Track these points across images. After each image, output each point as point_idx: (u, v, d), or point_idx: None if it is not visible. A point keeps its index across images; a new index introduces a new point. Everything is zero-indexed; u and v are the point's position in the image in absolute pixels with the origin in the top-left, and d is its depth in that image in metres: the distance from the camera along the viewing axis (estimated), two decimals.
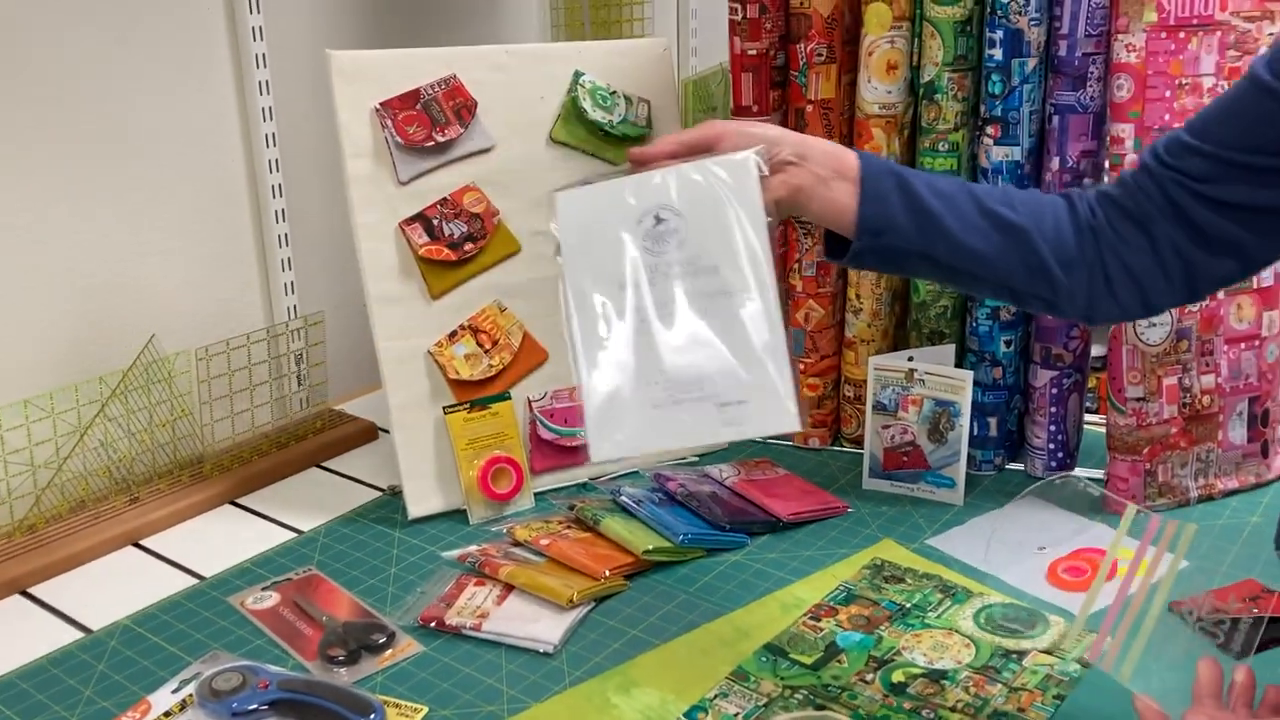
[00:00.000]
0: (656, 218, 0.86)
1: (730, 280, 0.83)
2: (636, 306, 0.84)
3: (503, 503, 1.26)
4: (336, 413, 1.48)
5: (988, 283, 0.96)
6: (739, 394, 0.82)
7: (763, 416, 0.81)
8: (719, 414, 0.82)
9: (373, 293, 1.25)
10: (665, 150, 0.92)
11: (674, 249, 0.85)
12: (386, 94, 1.26)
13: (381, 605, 1.10)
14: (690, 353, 0.83)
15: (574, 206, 0.89)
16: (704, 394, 0.82)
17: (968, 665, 0.99)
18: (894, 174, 0.94)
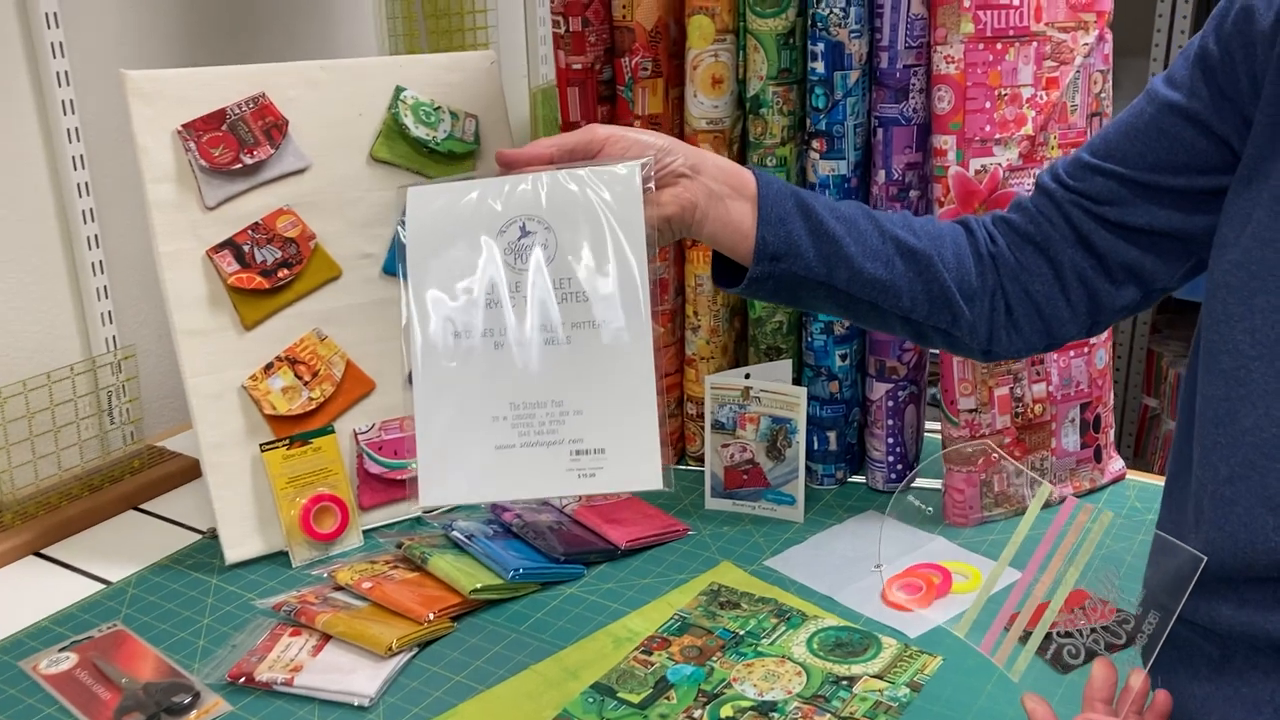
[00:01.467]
0: (522, 228, 0.75)
1: (600, 311, 0.73)
2: (489, 328, 0.74)
3: (327, 543, 1.20)
4: (157, 450, 1.40)
5: (889, 314, 0.90)
6: (598, 442, 0.72)
7: (622, 470, 0.72)
8: (572, 462, 0.72)
9: (179, 325, 1.18)
10: (539, 154, 0.81)
11: (539, 267, 0.74)
12: (189, 115, 1.19)
13: (190, 662, 1.03)
14: (546, 388, 0.73)
15: (427, 205, 0.76)
16: (557, 438, 0.72)
17: (798, 695, 0.97)
18: (794, 195, 0.87)
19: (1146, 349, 2.47)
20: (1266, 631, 0.74)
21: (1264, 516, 0.70)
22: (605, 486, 0.74)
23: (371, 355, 1.26)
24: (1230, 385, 0.73)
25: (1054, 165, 0.91)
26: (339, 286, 1.25)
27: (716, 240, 0.85)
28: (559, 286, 0.74)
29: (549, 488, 0.73)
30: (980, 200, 1.16)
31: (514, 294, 0.74)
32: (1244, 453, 0.71)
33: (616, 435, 0.72)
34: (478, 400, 0.73)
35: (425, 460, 0.74)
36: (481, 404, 0.73)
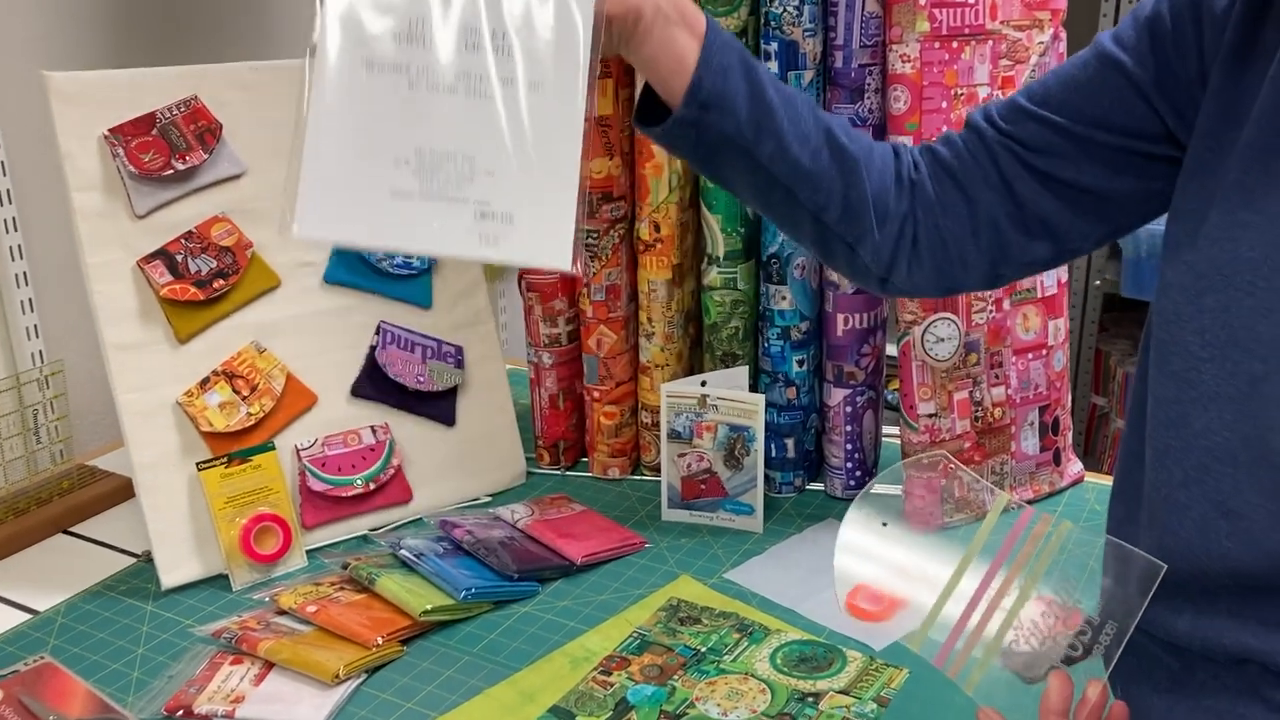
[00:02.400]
0: None
1: (532, 71, 0.67)
2: (408, 64, 0.67)
3: (269, 564, 1.15)
4: (87, 469, 1.34)
5: (802, 207, 0.85)
6: (507, 205, 0.66)
7: (528, 241, 0.66)
8: (476, 225, 0.66)
9: (109, 340, 1.12)
10: None
11: (472, 11, 0.68)
12: (117, 118, 1.13)
13: (123, 695, 0.98)
14: (460, 141, 0.67)
15: None
16: (463, 195, 0.66)
17: (763, 713, 0.94)
18: (740, 52, 0.81)
19: (1095, 348, 2.48)
20: (1223, 646, 0.72)
21: (1217, 521, 0.69)
22: (506, 255, 0.68)
23: (313, 368, 1.22)
24: (1181, 387, 0.71)
25: (987, 106, 0.89)
26: (278, 297, 1.20)
27: (654, 65, 0.78)
28: (493, 35, 0.68)
29: (444, 246, 0.68)
30: None
31: (439, 33, 0.68)
32: (1196, 456, 0.70)
33: (529, 204, 0.67)
34: (381, 139, 0.67)
35: (308, 189, 0.67)
36: (384, 143, 0.67)
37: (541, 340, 1.33)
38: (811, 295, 1.24)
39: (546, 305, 1.31)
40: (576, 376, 1.35)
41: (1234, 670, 0.71)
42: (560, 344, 1.33)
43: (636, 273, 1.28)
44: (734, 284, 1.25)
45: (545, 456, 1.37)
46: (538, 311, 1.32)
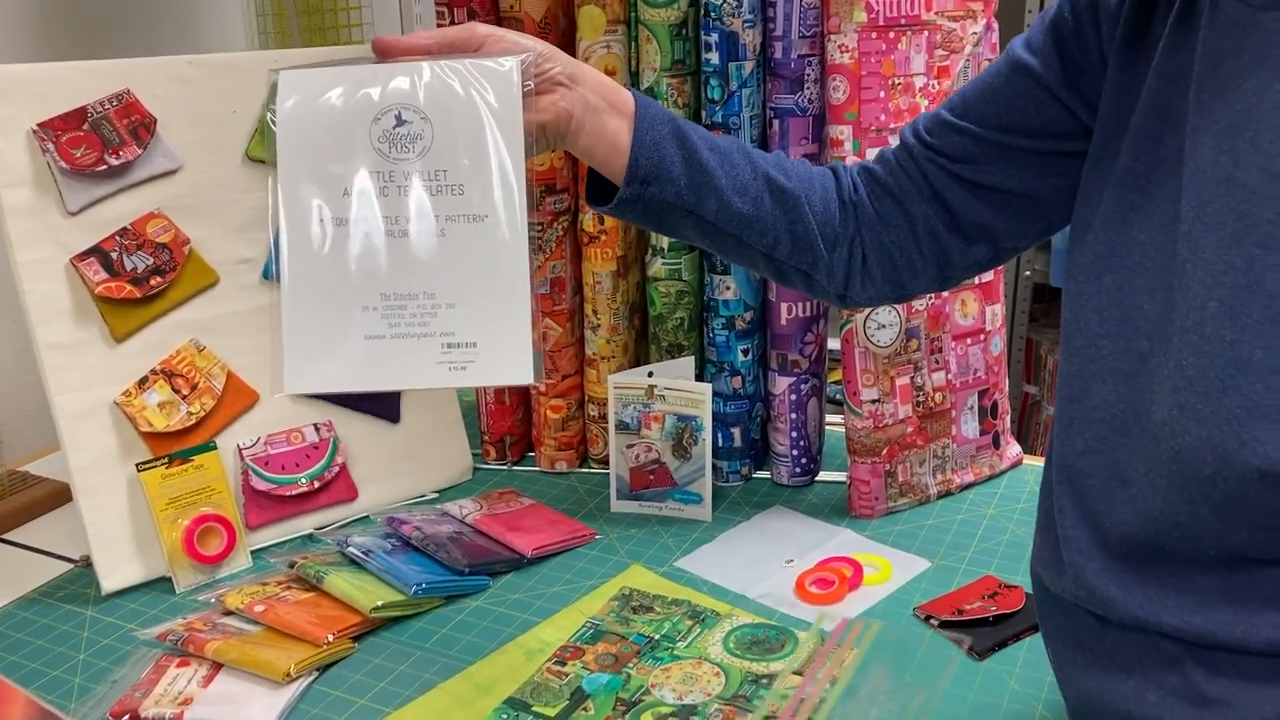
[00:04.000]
0: (398, 117, 0.73)
1: (476, 203, 0.73)
2: (361, 217, 0.73)
3: (214, 565, 1.13)
4: (19, 475, 1.30)
5: (753, 249, 0.90)
6: (469, 335, 0.72)
7: (493, 364, 0.72)
8: (444, 355, 0.72)
9: (42, 340, 1.09)
10: (418, 44, 0.78)
11: (415, 157, 0.73)
12: (46, 113, 1.10)
13: (65, 702, 0.96)
14: (419, 280, 0.72)
15: (300, 89, 0.74)
16: (429, 330, 0.72)
17: (718, 697, 0.94)
18: (670, 121, 0.86)
19: (1026, 337, 2.53)
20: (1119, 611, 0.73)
21: (1114, 488, 0.71)
22: (475, 380, 0.73)
23: (253, 365, 1.20)
24: (1083, 362, 0.74)
25: (916, 120, 0.92)
26: (216, 294, 1.18)
27: (591, 154, 0.84)
28: (434, 178, 0.73)
29: (420, 379, 0.72)
30: None
31: (387, 184, 0.73)
32: (1095, 428, 0.73)
33: (488, 329, 0.72)
34: (347, 290, 0.72)
35: (291, 348, 0.72)
36: (351, 293, 0.72)
37: None
38: (755, 285, 1.25)
39: None
40: None
41: (1134, 635, 0.73)
42: None
43: (581, 265, 1.28)
44: (678, 275, 1.25)
45: (491, 452, 1.36)
46: None
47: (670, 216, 0.88)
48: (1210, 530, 0.65)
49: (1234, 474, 0.62)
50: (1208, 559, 0.66)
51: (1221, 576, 0.66)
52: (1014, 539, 1.18)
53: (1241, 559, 0.65)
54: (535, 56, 0.79)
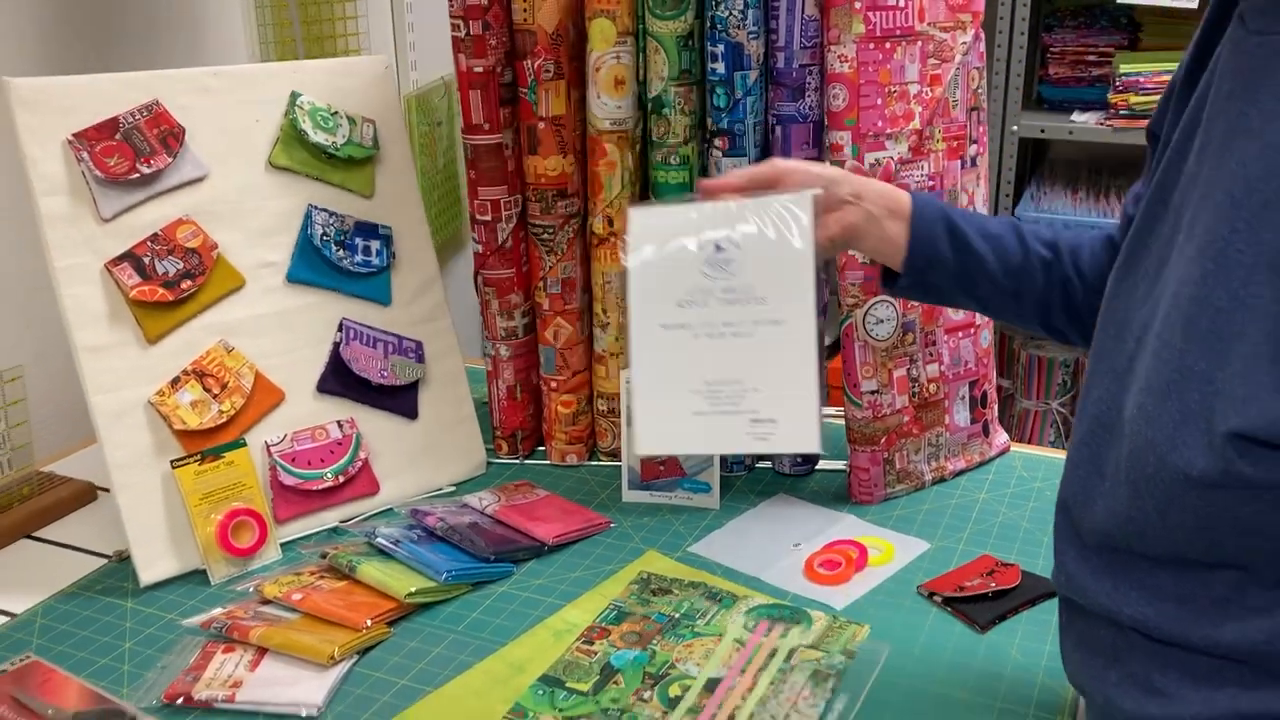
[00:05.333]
0: (718, 245, 0.91)
1: (777, 310, 0.90)
2: (690, 322, 0.91)
3: (246, 558, 1.17)
4: (46, 475, 1.34)
5: (1028, 318, 1.03)
6: (771, 413, 0.88)
7: (789, 436, 0.89)
8: (750, 428, 0.89)
9: (79, 343, 1.13)
10: (732, 184, 0.96)
11: (730, 276, 0.91)
12: (80, 124, 1.15)
13: (118, 686, 1.00)
14: (732, 371, 0.89)
15: (646, 222, 0.94)
16: (739, 409, 0.89)
17: (740, 670, 1.00)
18: (944, 218, 0.99)
19: (1000, 333, 2.62)
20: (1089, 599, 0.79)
21: (1095, 480, 0.77)
22: (774, 447, 0.92)
23: (279, 366, 1.24)
24: (1093, 361, 0.81)
25: None
26: (243, 296, 1.23)
27: (877, 254, 1.02)
28: (744, 292, 0.90)
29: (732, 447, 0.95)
30: None
31: (709, 297, 0.91)
32: (1088, 422, 0.79)
33: (785, 408, 0.88)
34: (678, 376, 0.91)
35: (640, 420, 0.92)
36: (681, 379, 0.91)
37: (499, 333, 1.38)
38: None
39: (503, 299, 1.36)
40: (533, 368, 1.40)
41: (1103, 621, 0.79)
42: (517, 336, 1.38)
43: (590, 266, 1.34)
44: None
45: (504, 446, 1.42)
46: (494, 306, 1.36)
47: (948, 296, 1.04)
48: (1156, 529, 0.71)
49: (1168, 476, 0.67)
50: (1163, 558, 0.72)
51: (1175, 576, 0.72)
52: (1006, 521, 1.25)
53: (1189, 561, 0.71)
54: (827, 184, 0.97)
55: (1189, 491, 0.66)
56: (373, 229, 1.31)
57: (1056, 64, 2.48)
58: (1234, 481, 0.63)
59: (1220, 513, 0.66)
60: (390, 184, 1.34)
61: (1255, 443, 0.62)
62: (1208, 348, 0.65)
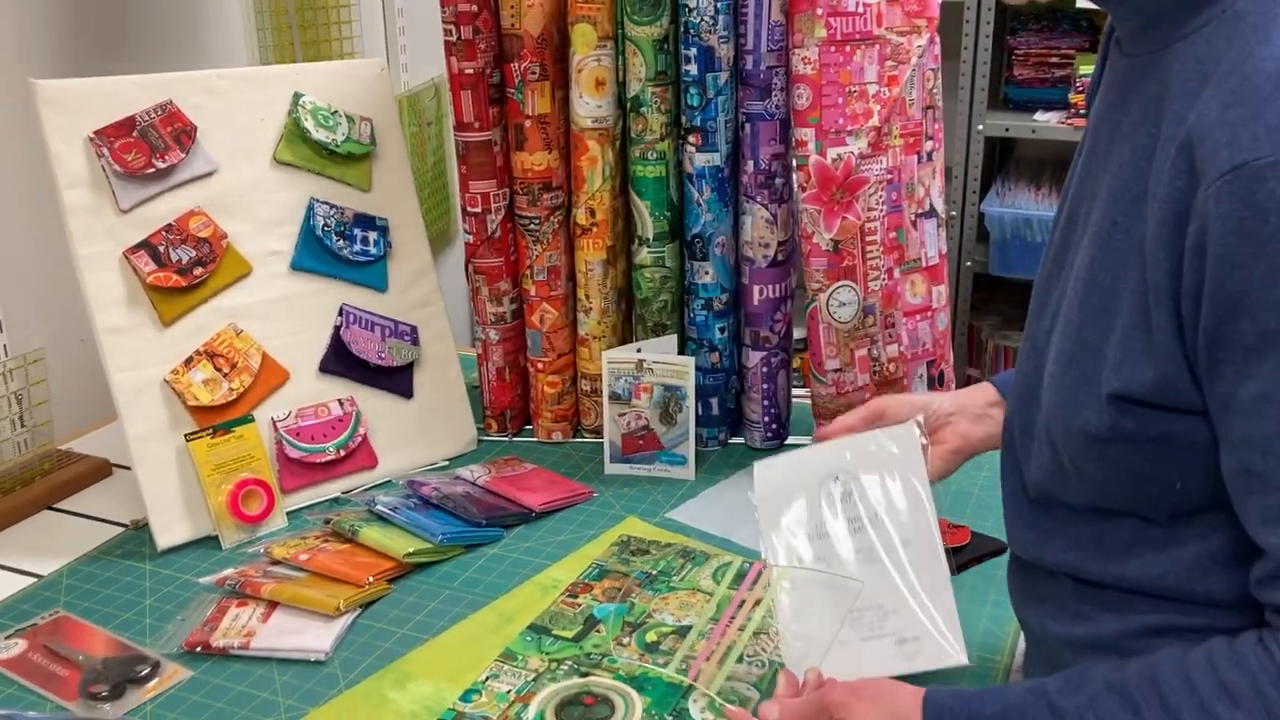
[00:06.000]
0: (838, 479, 0.97)
1: (901, 535, 0.94)
2: (820, 556, 0.96)
3: (255, 524, 1.26)
4: (63, 452, 1.42)
5: None
6: (914, 631, 0.91)
7: (934, 652, 0.90)
8: (897, 649, 0.91)
9: (101, 325, 1.22)
10: (844, 425, 1.03)
11: (852, 507, 0.96)
12: (100, 122, 1.24)
13: (141, 638, 1.09)
14: (871, 596, 0.93)
15: (768, 472, 1.02)
16: (884, 632, 0.92)
17: (710, 618, 1.10)
18: None
19: (968, 323, 2.72)
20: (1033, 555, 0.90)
21: (1028, 443, 0.87)
22: (925, 666, 0.91)
23: (284, 347, 1.33)
24: (1023, 340, 0.91)
25: None
26: (250, 283, 1.32)
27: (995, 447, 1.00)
28: (871, 520, 0.95)
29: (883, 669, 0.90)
30: (836, 185, 1.32)
31: (834, 529, 0.96)
32: (1020, 391, 0.89)
33: (928, 626, 0.91)
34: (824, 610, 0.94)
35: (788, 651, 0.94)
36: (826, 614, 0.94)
37: (488, 318, 1.47)
38: (730, 270, 1.41)
39: (493, 286, 1.46)
40: (521, 350, 1.49)
41: (1033, 567, 0.89)
42: (506, 321, 1.47)
43: (574, 254, 1.44)
44: (662, 262, 1.41)
45: (493, 425, 1.51)
46: (485, 292, 1.46)
47: None
48: (1073, 482, 0.81)
49: (1074, 435, 0.77)
50: (1081, 508, 0.82)
51: (1091, 524, 0.82)
52: (959, 489, 1.34)
53: (1101, 509, 0.80)
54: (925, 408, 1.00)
55: (1091, 448, 0.76)
56: (370, 220, 1.40)
57: (1021, 66, 2.59)
58: (1121, 437, 0.73)
59: (1118, 464, 0.76)
60: (386, 178, 1.43)
61: (1130, 401, 0.71)
62: (1097, 323, 0.75)
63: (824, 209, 1.33)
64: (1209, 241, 0.64)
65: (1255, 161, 0.62)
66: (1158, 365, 0.69)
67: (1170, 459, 0.73)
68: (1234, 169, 0.63)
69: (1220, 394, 0.68)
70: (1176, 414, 0.70)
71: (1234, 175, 0.63)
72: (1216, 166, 0.64)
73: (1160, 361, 0.69)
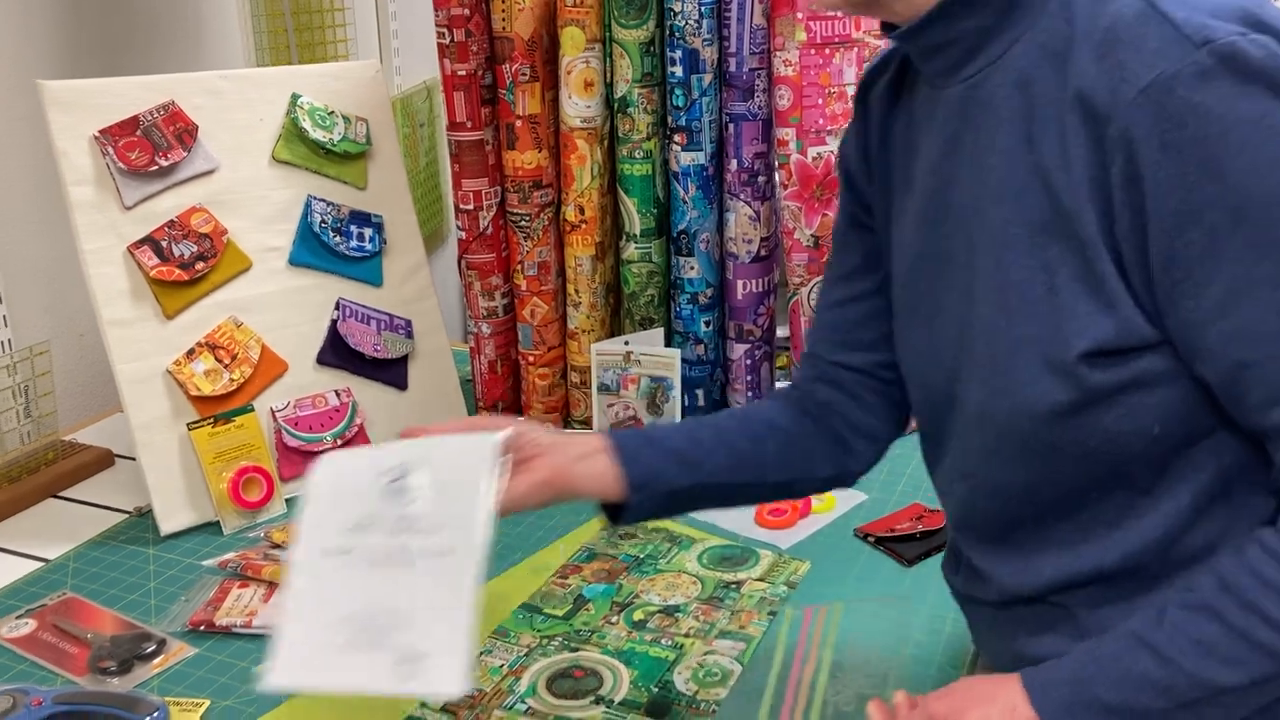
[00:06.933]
0: (396, 477, 0.87)
1: (444, 542, 0.84)
2: (354, 547, 0.85)
3: (255, 510, 1.30)
4: (67, 443, 1.46)
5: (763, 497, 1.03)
6: (418, 648, 0.81)
7: (435, 676, 0.80)
8: (394, 669, 0.80)
9: (106, 317, 1.27)
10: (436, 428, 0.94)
11: (405, 505, 0.86)
12: (105, 122, 1.28)
13: (146, 617, 1.13)
14: (388, 601, 0.82)
15: (331, 466, 0.92)
16: (383, 644, 0.81)
17: (696, 598, 1.15)
18: (640, 435, 0.95)
19: None
20: None
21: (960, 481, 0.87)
22: (419, 691, 0.84)
23: (283, 339, 1.38)
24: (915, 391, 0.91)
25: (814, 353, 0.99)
26: (250, 277, 1.36)
27: (594, 491, 0.92)
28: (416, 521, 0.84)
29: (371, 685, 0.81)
30: (817, 182, 1.37)
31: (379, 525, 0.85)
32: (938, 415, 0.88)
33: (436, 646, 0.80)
34: (329, 605, 0.83)
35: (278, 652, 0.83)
36: (332, 608, 0.83)
37: (481, 313, 1.51)
38: (715, 265, 1.46)
39: (485, 281, 1.50)
40: (512, 344, 1.54)
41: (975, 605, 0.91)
42: (498, 315, 1.52)
43: (564, 250, 1.48)
44: (649, 257, 1.46)
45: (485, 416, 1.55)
46: (477, 287, 1.50)
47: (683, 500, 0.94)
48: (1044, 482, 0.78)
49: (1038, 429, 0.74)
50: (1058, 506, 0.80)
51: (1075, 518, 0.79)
52: None
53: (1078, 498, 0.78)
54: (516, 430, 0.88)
55: (1062, 428, 0.74)
56: (366, 217, 1.45)
57: None
58: (1094, 398, 0.72)
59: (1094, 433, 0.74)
60: (381, 177, 1.48)
61: (1101, 355, 0.71)
62: (1030, 312, 0.74)
63: (805, 206, 1.37)
64: (1138, 167, 0.66)
65: (1156, 79, 0.65)
66: (1115, 312, 0.70)
67: (1143, 404, 0.72)
68: (1139, 93, 0.65)
69: (1188, 309, 0.68)
70: (1143, 352, 0.71)
71: (1141, 97, 0.65)
72: (1120, 99, 0.66)
73: (1117, 307, 0.70)
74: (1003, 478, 0.81)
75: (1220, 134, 0.64)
